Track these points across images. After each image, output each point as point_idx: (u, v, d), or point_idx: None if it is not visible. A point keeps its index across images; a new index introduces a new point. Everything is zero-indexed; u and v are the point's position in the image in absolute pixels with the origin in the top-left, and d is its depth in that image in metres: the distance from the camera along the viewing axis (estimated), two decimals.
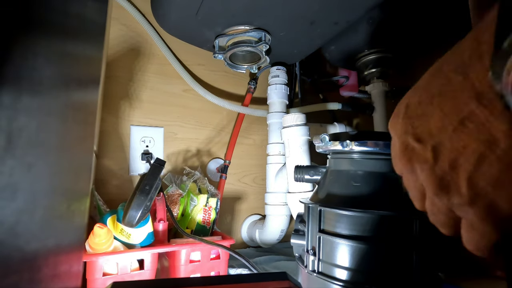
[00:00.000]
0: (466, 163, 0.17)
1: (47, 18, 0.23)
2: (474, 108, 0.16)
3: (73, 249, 0.30)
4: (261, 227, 0.75)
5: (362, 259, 0.32)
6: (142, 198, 0.45)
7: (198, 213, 0.60)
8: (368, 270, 0.32)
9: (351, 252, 0.32)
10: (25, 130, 0.17)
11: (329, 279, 0.33)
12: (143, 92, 0.73)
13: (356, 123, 0.95)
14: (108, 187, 0.66)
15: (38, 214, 0.19)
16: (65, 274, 0.26)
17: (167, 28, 0.72)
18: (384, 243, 0.32)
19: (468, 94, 0.16)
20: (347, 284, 0.32)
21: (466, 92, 0.17)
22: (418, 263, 0.32)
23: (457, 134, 0.17)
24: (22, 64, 0.18)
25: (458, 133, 0.17)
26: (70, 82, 0.27)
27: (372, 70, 0.79)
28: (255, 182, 0.83)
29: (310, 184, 0.58)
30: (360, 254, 0.32)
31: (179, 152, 0.75)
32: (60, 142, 0.24)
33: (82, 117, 0.28)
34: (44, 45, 0.22)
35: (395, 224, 0.32)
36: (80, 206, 0.31)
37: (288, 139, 0.60)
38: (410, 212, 0.30)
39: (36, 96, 0.20)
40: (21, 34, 0.18)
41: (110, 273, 0.46)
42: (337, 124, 0.81)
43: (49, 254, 0.21)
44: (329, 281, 0.33)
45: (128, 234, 0.48)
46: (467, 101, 0.16)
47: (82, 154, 0.32)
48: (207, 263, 0.53)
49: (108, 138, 0.68)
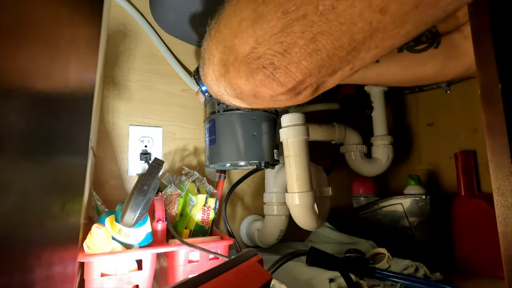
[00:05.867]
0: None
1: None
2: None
3: (68, 249, 0.30)
4: (260, 227, 0.74)
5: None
6: (140, 198, 0.45)
7: (197, 213, 0.59)
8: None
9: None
10: (16, 128, 0.17)
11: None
12: (142, 91, 0.72)
13: (356, 123, 0.95)
14: (106, 187, 0.66)
15: (30, 214, 0.19)
16: (59, 275, 0.26)
17: (166, 28, 0.72)
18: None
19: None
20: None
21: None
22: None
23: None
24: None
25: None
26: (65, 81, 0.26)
27: None
28: (254, 182, 0.83)
29: (310, 184, 0.58)
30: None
31: (177, 152, 0.75)
32: (53, 141, 0.23)
33: (76, 117, 0.28)
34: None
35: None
36: (75, 206, 0.31)
37: (287, 138, 0.60)
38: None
39: (28, 96, 0.19)
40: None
41: (108, 274, 0.46)
42: (336, 124, 0.81)
43: (42, 254, 0.21)
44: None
45: (126, 234, 0.48)
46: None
47: (77, 153, 0.32)
48: (206, 263, 0.53)
49: (107, 138, 0.67)
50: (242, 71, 0.30)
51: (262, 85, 0.31)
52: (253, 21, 0.27)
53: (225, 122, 0.62)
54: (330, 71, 0.29)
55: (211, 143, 0.64)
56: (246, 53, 0.29)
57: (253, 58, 0.29)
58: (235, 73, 0.31)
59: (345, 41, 0.25)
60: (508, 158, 0.29)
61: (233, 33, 0.29)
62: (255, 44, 0.28)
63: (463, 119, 0.79)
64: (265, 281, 0.27)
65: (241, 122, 0.61)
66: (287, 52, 0.27)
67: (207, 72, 0.36)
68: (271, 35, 0.26)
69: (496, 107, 0.30)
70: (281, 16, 0.25)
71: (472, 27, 0.34)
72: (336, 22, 0.24)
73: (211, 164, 0.64)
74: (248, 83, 0.31)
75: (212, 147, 0.63)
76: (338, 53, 0.26)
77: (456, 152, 0.75)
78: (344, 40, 0.25)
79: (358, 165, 0.82)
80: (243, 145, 0.61)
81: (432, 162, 0.88)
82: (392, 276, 0.55)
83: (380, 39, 0.25)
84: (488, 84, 0.31)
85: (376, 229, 0.76)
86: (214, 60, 0.33)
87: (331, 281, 0.49)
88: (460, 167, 0.73)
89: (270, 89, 0.31)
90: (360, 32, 0.24)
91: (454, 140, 0.81)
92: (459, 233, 0.70)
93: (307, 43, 0.26)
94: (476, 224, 0.67)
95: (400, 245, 0.69)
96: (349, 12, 0.23)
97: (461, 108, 0.80)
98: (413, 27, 0.24)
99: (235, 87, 0.34)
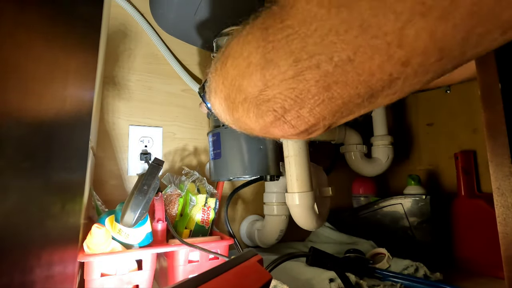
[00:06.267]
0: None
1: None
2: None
3: (68, 249, 0.30)
4: (260, 227, 0.74)
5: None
6: (140, 198, 0.45)
7: (197, 213, 0.59)
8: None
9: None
10: (16, 129, 0.17)
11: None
12: (142, 91, 0.72)
13: (356, 123, 0.95)
14: (106, 187, 0.66)
15: (30, 214, 0.19)
16: (59, 275, 0.26)
17: (166, 28, 0.72)
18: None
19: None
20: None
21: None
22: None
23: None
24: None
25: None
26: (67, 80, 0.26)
27: None
28: None
29: (310, 184, 0.58)
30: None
31: (177, 152, 0.75)
32: (53, 141, 0.23)
33: (76, 116, 0.28)
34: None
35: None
36: (75, 206, 0.31)
37: (287, 138, 0.60)
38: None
39: (28, 96, 0.19)
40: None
41: (108, 274, 0.46)
42: None
43: (42, 254, 0.21)
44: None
45: (127, 234, 0.48)
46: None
47: (77, 153, 0.32)
48: (206, 263, 0.53)
49: (107, 138, 0.67)
50: (251, 112, 0.29)
51: (272, 127, 0.30)
52: (262, 66, 0.26)
53: (230, 136, 0.61)
54: (345, 114, 0.28)
55: (216, 157, 0.62)
56: (255, 95, 0.27)
57: (262, 100, 0.27)
58: (244, 113, 0.30)
59: (362, 90, 0.24)
60: (508, 158, 0.29)
61: (241, 74, 0.28)
62: (264, 87, 0.26)
63: (463, 119, 0.79)
64: (265, 281, 0.27)
65: (247, 136, 0.60)
66: (299, 98, 0.26)
67: (214, 102, 0.34)
68: (282, 80, 0.25)
69: (496, 107, 0.30)
70: (292, 64, 0.24)
71: None
72: (353, 73, 0.23)
73: (216, 178, 0.63)
74: (258, 124, 0.30)
75: (217, 161, 0.62)
76: (354, 101, 0.25)
77: (456, 152, 0.75)
78: (361, 90, 0.24)
79: (358, 165, 0.82)
80: (249, 159, 0.60)
81: (432, 162, 0.88)
82: (392, 276, 0.55)
83: (400, 86, 0.24)
84: (488, 84, 0.31)
85: (376, 229, 0.76)
86: (222, 94, 0.32)
87: (331, 281, 0.49)
88: (460, 167, 0.73)
89: (281, 131, 0.30)
90: (379, 82, 0.23)
91: (454, 140, 0.81)
92: (459, 233, 0.70)
93: (321, 91, 0.25)
94: (476, 224, 0.67)
95: (400, 245, 0.69)
96: (368, 64, 0.22)
97: (461, 108, 0.80)
98: (434, 75, 0.24)
99: (245, 126, 0.33)
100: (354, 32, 0.21)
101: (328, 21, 0.22)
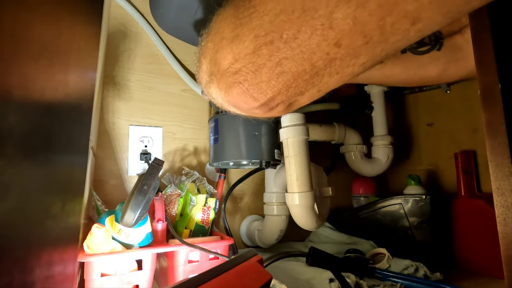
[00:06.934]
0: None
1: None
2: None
3: (68, 249, 0.30)
4: (260, 227, 0.74)
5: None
6: (140, 198, 0.45)
7: (197, 213, 0.59)
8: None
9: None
10: (16, 128, 0.17)
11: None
12: (142, 91, 0.72)
13: (356, 123, 0.95)
14: (106, 187, 0.66)
15: (30, 214, 0.19)
16: (59, 275, 0.26)
17: (166, 28, 0.72)
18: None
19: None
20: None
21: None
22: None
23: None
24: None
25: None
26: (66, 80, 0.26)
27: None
28: (254, 182, 0.83)
29: (310, 184, 0.58)
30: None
31: (177, 152, 0.75)
32: (53, 141, 0.23)
33: (76, 116, 0.28)
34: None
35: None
36: (75, 206, 0.31)
37: (287, 138, 0.60)
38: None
39: (28, 96, 0.19)
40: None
41: (108, 274, 0.46)
42: (336, 124, 0.81)
43: (42, 254, 0.21)
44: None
45: (127, 234, 0.48)
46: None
47: (77, 153, 0.32)
48: (206, 263, 0.53)
49: (107, 138, 0.67)
50: (222, 83, 0.33)
51: (238, 98, 0.34)
52: (231, 40, 0.30)
53: (227, 122, 0.64)
54: (298, 91, 0.32)
55: (214, 141, 0.66)
56: (226, 67, 0.32)
57: (231, 73, 0.32)
58: (217, 84, 0.34)
59: (307, 66, 0.28)
60: (508, 158, 0.29)
61: (216, 48, 0.33)
62: (233, 60, 0.31)
63: (463, 119, 0.79)
64: (265, 281, 0.27)
65: (243, 122, 0.63)
66: (258, 71, 0.30)
67: (198, 77, 0.39)
68: (246, 55, 0.30)
69: (496, 107, 0.30)
70: (253, 39, 0.28)
71: (471, 27, 0.34)
72: (298, 50, 0.27)
73: (215, 162, 0.66)
74: (227, 95, 0.34)
75: (215, 146, 0.66)
76: (302, 76, 0.30)
77: (456, 152, 0.75)
78: (306, 66, 0.28)
79: (358, 165, 0.82)
80: (244, 144, 0.63)
81: (432, 162, 0.88)
82: (392, 276, 0.55)
83: (339, 66, 0.28)
84: (488, 84, 0.31)
85: (376, 229, 0.76)
86: (203, 67, 0.36)
87: (331, 281, 0.49)
88: (460, 167, 0.73)
89: (246, 103, 0.34)
90: (320, 60, 0.27)
91: (454, 140, 0.81)
92: (459, 233, 0.70)
93: (274, 65, 0.29)
94: (476, 224, 0.67)
95: (400, 245, 0.69)
96: (309, 42, 0.26)
97: (461, 108, 0.80)
98: (368, 59, 0.28)
99: (217, 97, 0.37)
100: (297, 13, 0.25)
101: (281, 2, 0.26)
